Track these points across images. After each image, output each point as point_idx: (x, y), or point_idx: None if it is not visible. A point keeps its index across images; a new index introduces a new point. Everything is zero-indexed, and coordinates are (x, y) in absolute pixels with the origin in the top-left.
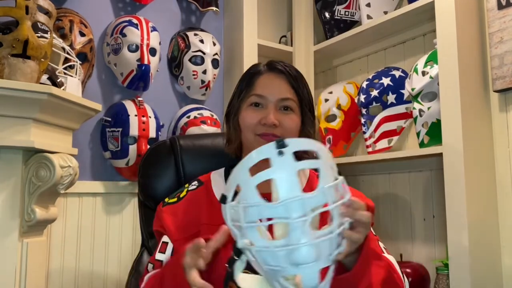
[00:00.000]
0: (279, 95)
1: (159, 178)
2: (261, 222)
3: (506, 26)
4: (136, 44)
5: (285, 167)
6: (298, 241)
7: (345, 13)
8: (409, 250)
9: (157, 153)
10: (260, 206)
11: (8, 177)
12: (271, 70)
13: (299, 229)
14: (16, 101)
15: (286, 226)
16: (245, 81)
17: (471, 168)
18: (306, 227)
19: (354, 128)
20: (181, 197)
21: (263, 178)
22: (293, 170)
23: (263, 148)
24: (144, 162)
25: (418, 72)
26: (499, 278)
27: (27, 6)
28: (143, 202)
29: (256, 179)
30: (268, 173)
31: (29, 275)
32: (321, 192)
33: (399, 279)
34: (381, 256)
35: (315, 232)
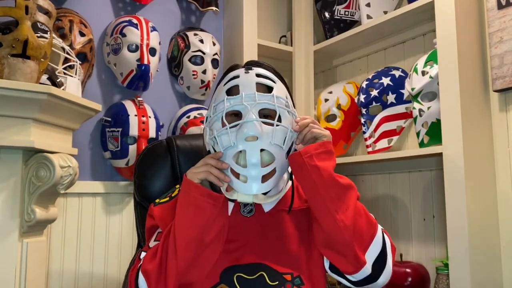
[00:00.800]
0: None
1: (156, 178)
2: (226, 110)
3: (506, 26)
4: (136, 44)
5: (247, 78)
6: (247, 117)
7: (345, 13)
8: (409, 250)
9: (154, 154)
10: (225, 99)
11: (8, 177)
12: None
13: (249, 112)
14: (16, 101)
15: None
16: None
17: (471, 168)
18: (254, 111)
19: (354, 128)
20: (172, 196)
21: (232, 84)
22: (253, 81)
23: (234, 71)
24: (140, 163)
25: (418, 72)
26: (499, 278)
27: (27, 6)
28: (139, 202)
29: (227, 85)
30: (235, 81)
31: (29, 275)
32: (271, 96)
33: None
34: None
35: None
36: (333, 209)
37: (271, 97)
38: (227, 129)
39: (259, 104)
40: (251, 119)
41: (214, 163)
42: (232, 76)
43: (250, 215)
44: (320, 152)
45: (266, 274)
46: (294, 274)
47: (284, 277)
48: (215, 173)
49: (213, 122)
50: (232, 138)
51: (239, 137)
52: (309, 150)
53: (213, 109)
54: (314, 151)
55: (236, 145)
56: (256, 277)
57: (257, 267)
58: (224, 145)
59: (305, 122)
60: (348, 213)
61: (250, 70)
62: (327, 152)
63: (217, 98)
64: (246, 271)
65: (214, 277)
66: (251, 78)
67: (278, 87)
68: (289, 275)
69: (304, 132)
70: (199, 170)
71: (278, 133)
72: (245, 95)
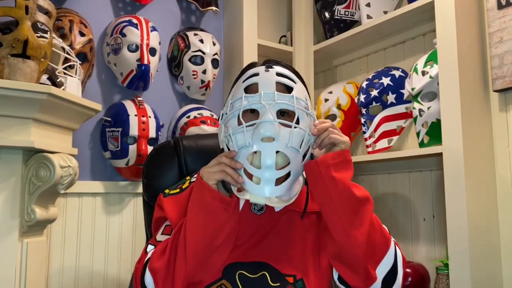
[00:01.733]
0: None
1: (163, 178)
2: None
3: (506, 26)
4: (136, 44)
5: (267, 77)
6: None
7: (345, 13)
8: (409, 250)
9: (161, 154)
10: (243, 97)
11: (8, 177)
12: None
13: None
14: (16, 101)
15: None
16: None
17: (471, 168)
18: (272, 112)
19: (354, 128)
20: (183, 188)
21: (251, 82)
22: (273, 80)
23: (254, 68)
24: (148, 163)
25: (418, 72)
26: (499, 278)
27: (27, 6)
28: (147, 202)
29: (244, 83)
30: (255, 78)
31: (29, 275)
32: (291, 96)
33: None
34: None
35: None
36: (347, 224)
37: (290, 97)
38: (243, 127)
39: (278, 104)
40: (269, 119)
41: (228, 162)
42: (251, 73)
43: (260, 213)
44: (338, 162)
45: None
46: (297, 276)
47: (287, 279)
48: (230, 172)
49: (229, 119)
50: (247, 138)
51: (255, 137)
52: (326, 159)
53: (230, 106)
54: (331, 161)
55: (251, 145)
56: (258, 276)
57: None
58: (239, 144)
59: (324, 126)
60: (362, 229)
61: (270, 68)
62: (345, 162)
63: (235, 94)
64: (249, 269)
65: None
66: (271, 76)
67: (298, 88)
68: (292, 278)
69: (322, 136)
70: (214, 169)
71: (296, 135)
72: (264, 94)
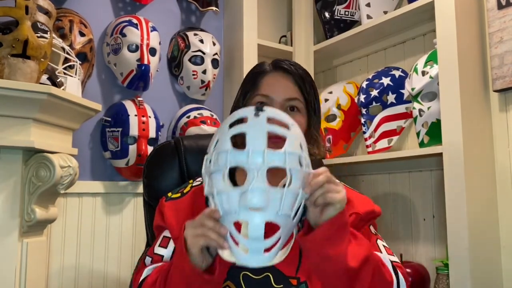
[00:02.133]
0: (285, 95)
1: (164, 178)
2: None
3: (506, 26)
4: (136, 44)
5: (256, 125)
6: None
7: (345, 13)
8: (409, 250)
9: (162, 154)
10: (228, 152)
11: (8, 177)
12: (277, 70)
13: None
14: (16, 101)
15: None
16: (250, 81)
17: (471, 168)
18: (261, 175)
19: (354, 128)
20: (184, 192)
21: (238, 131)
22: (263, 129)
23: (242, 110)
24: (148, 163)
25: (418, 72)
26: (499, 278)
27: (27, 6)
28: (148, 202)
29: (232, 131)
30: (243, 127)
31: (29, 275)
32: (283, 153)
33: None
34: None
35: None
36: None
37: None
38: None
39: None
40: (257, 186)
41: (212, 225)
42: (238, 116)
43: None
44: (333, 233)
45: (272, 275)
46: (301, 279)
47: (290, 281)
48: (214, 238)
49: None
50: (233, 204)
51: (242, 203)
52: (319, 235)
53: (215, 156)
54: (325, 235)
55: (237, 213)
56: (261, 277)
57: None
58: (224, 208)
59: (318, 182)
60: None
61: (260, 111)
62: (341, 229)
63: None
64: (253, 270)
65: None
66: (260, 125)
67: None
68: (295, 280)
69: (316, 195)
70: (197, 232)
71: (287, 200)
72: (252, 153)
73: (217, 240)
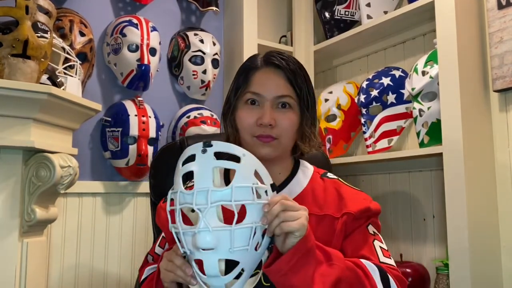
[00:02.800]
0: (275, 92)
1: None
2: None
3: (506, 26)
4: (136, 44)
5: (203, 163)
6: (199, 226)
7: (345, 13)
8: (409, 250)
9: (167, 154)
10: (180, 193)
11: (8, 177)
12: (268, 65)
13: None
14: (16, 101)
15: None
16: (241, 76)
17: (471, 168)
18: (208, 215)
19: (354, 128)
20: None
21: (187, 170)
22: (210, 166)
23: (193, 146)
24: (154, 163)
25: (418, 72)
26: (499, 278)
27: (27, 6)
28: (154, 202)
29: (182, 169)
30: (190, 165)
31: (29, 275)
32: (229, 189)
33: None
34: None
35: (217, 222)
36: None
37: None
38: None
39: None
40: (204, 228)
41: (179, 263)
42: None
43: None
44: (295, 263)
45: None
46: None
47: None
48: (181, 275)
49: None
50: (187, 245)
51: (194, 244)
52: (280, 266)
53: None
54: (287, 266)
55: (193, 253)
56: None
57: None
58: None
59: (273, 213)
60: None
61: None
62: (303, 257)
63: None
64: None
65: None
66: (207, 163)
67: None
68: None
69: (273, 225)
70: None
71: (239, 237)
72: (197, 193)
73: (184, 278)
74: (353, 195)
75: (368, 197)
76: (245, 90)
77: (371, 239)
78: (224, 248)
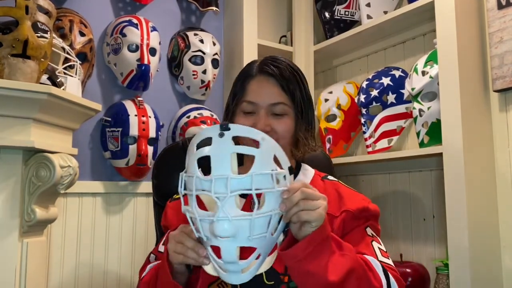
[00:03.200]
0: (269, 100)
1: (172, 178)
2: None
3: (506, 26)
4: (136, 44)
5: (221, 148)
6: (218, 215)
7: (345, 13)
8: (409, 250)
9: (170, 154)
10: (195, 178)
11: (8, 177)
12: (262, 73)
13: (220, 205)
14: (16, 101)
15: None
16: (238, 84)
17: (471, 168)
18: (227, 204)
19: (354, 128)
20: None
21: (202, 154)
22: (228, 151)
23: (209, 128)
24: (157, 163)
25: (418, 72)
26: (499, 278)
27: (27, 6)
28: (157, 202)
29: (197, 153)
30: (207, 150)
31: (29, 275)
32: (249, 176)
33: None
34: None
35: (236, 210)
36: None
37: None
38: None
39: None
40: (223, 217)
41: (191, 245)
42: (204, 136)
43: None
44: (310, 252)
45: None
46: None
47: (281, 277)
48: (193, 257)
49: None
50: (204, 231)
51: (212, 232)
52: (297, 252)
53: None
54: (303, 253)
55: (210, 239)
56: None
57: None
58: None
59: (293, 200)
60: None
61: (226, 131)
62: (319, 246)
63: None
64: None
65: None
66: (225, 147)
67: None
68: (287, 277)
69: (291, 213)
70: (177, 249)
71: (258, 224)
72: (215, 179)
73: (197, 259)
74: (352, 195)
75: (367, 199)
76: (242, 99)
77: (369, 240)
78: (243, 236)
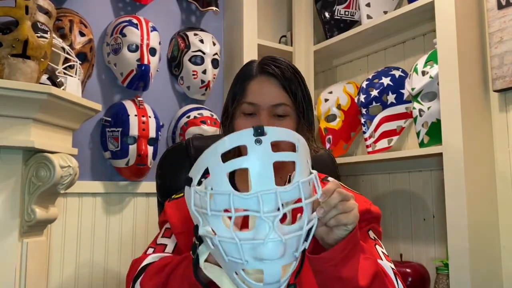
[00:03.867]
0: (271, 101)
1: (175, 178)
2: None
3: (506, 26)
4: (136, 44)
5: (261, 157)
6: (266, 236)
7: (345, 13)
8: (409, 250)
9: (173, 155)
10: (229, 196)
11: (8, 177)
12: (263, 74)
13: (269, 223)
14: (16, 101)
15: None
16: (237, 85)
17: (471, 168)
18: (276, 222)
19: (354, 128)
20: None
21: (237, 167)
22: (269, 161)
23: (240, 134)
24: (161, 163)
25: (418, 72)
26: (499, 278)
27: (27, 6)
28: (161, 202)
29: (228, 166)
30: (243, 161)
31: (29, 275)
32: (296, 187)
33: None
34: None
35: (283, 227)
36: None
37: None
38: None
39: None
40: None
41: None
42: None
43: None
44: (345, 256)
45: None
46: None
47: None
48: None
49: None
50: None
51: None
52: (334, 255)
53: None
54: (340, 256)
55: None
56: None
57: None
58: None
59: (331, 203)
60: None
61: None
62: (352, 250)
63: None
64: None
65: None
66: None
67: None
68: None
69: (328, 217)
70: None
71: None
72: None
73: None
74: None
75: (369, 201)
76: (242, 100)
77: (372, 243)
78: (290, 252)
